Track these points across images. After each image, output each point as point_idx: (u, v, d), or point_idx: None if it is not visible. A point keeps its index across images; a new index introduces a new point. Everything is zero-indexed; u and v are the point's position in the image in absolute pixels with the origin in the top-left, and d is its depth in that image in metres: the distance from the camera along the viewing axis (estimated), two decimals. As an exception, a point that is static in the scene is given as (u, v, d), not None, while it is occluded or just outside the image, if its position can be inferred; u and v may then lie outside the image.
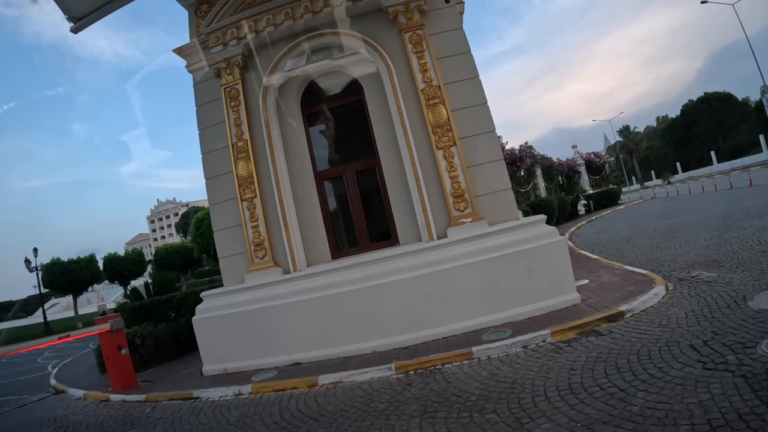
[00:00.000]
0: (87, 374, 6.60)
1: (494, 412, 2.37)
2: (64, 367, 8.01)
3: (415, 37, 4.40)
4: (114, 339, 4.82)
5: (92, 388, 5.23)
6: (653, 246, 6.86)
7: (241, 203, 4.60)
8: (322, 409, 3.01)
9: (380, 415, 2.66)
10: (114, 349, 4.80)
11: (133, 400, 4.39)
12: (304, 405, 3.19)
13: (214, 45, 4.84)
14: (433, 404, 2.66)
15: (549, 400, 2.40)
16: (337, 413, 2.87)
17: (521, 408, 2.36)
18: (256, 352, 4.28)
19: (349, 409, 2.89)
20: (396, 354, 3.75)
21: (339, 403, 3.05)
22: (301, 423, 2.85)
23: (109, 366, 4.84)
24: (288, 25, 4.61)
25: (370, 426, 2.53)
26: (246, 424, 3.04)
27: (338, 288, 4.13)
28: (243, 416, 3.22)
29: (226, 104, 4.82)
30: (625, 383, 2.39)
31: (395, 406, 2.77)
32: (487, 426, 2.24)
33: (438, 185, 4.25)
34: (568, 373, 2.70)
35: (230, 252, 4.74)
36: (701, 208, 11.12)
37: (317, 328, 4.12)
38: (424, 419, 2.47)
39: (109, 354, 4.80)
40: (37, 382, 7.13)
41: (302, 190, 4.67)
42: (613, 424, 2.00)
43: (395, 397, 2.93)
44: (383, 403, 2.87)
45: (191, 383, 4.40)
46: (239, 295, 4.49)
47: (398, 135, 4.44)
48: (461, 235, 4.08)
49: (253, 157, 4.60)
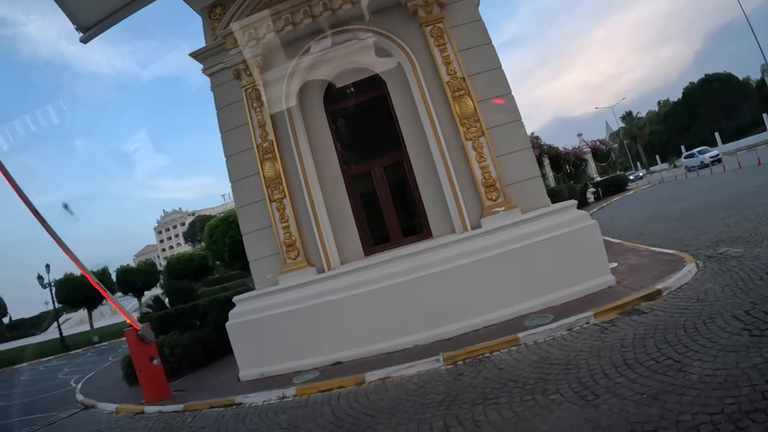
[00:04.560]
0: (114, 387, 6.70)
1: (556, 393, 2.51)
2: (88, 382, 8.11)
3: (436, 31, 4.56)
4: (145, 350, 4.91)
5: (124, 401, 5.33)
6: (671, 228, 7.11)
7: (270, 204, 4.72)
8: (376, 405, 3.10)
9: (440, 406, 2.77)
10: (146, 360, 4.88)
11: (170, 410, 4.48)
12: (355, 402, 3.28)
13: (232, 47, 4.95)
14: (492, 391, 2.79)
15: (608, 376, 2.56)
16: (394, 408, 2.96)
17: (582, 386, 2.51)
18: (294, 354, 4.40)
19: (405, 403, 2.98)
20: (438, 346, 3.90)
21: (393, 398, 3.14)
22: (358, 420, 2.93)
23: (141, 377, 4.93)
24: (307, 23, 4.74)
25: (431, 417, 2.63)
26: (299, 426, 3.11)
27: (375, 284, 4.28)
28: (293, 419, 3.29)
29: (248, 106, 4.94)
30: (678, 355, 2.57)
31: (453, 395, 2.89)
32: (553, 406, 2.37)
33: (469, 176, 4.41)
34: (620, 351, 2.87)
35: (261, 254, 4.86)
36: (712, 189, 11.46)
37: (356, 325, 4.26)
38: (487, 405, 2.59)
39: (141, 365, 4.88)
40: (62, 397, 7.21)
41: (331, 188, 4.80)
42: (677, 392, 2.17)
43: (450, 387, 3.06)
44: (439, 394, 2.98)
45: (229, 390, 4.51)
46: (273, 297, 4.61)
47: (425, 128, 4.60)
48: (495, 224, 4.25)
49: (279, 158, 4.72)
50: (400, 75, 4.80)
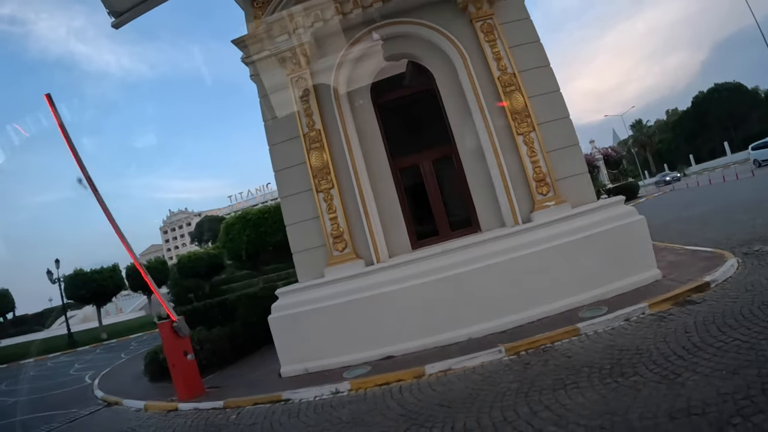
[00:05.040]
0: (135, 384, 6.77)
1: (636, 375, 2.79)
2: (105, 378, 8.19)
3: (486, 27, 4.96)
4: (180, 344, 4.98)
5: (150, 398, 5.40)
6: (696, 229, 7.68)
7: (317, 194, 4.95)
8: (446, 396, 3.25)
9: (517, 393, 2.97)
10: (180, 355, 4.95)
11: (208, 407, 4.55)
12: (422, 394, 3.43)
13: (279, 34, 5.21)
14: (568, 376, 3.03)
15: (682, 357, 2.89)
16: (468, 397, 3.12)
17: (660, 368, 2.82)
18: (342, 348, 4.59)
19: (479, 393, 3.16)
20: (494, 339, 4.17)
21: (462, 389, 3.32)
22: (432, 411, 3.04)
23: (174, 373, 4.98)
24: (357, 13, 5.06)
25: (513, 404, 2.82)
26: (366, 421, 3.17)
27: (425, 277, 4.53)
28: (356, 413, 3.39)
29: (294, 94, 5.19)
30: (744, 336, 2.93)
31: (528, 383, 3.11)
32: (639, 385, 2.64)
33: (520, 170, 4.77)
34: (685, 335, 3.22)
35: (305, 246, 5.06)
36: (727, 195, 12.33)
37: (407, 319, 4.49)
38: (569, 390, 2.82)
39: (174, 360, 4.94)
40: (78, 394, 7.28)
41: (378, 180, 5.07)
42: (755, 366, 2.51)
43: (521, 375, 3.29)
44: (512, 382, 3.19)
45: (271, 386, 4.63)
46: (319, 290, 4.80)
47: (476, 122, 4.96)
48: (546, 219, 4.61)
49: (327, 147, 4.96)
50: (449, 69, 5.17)
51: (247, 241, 11.51)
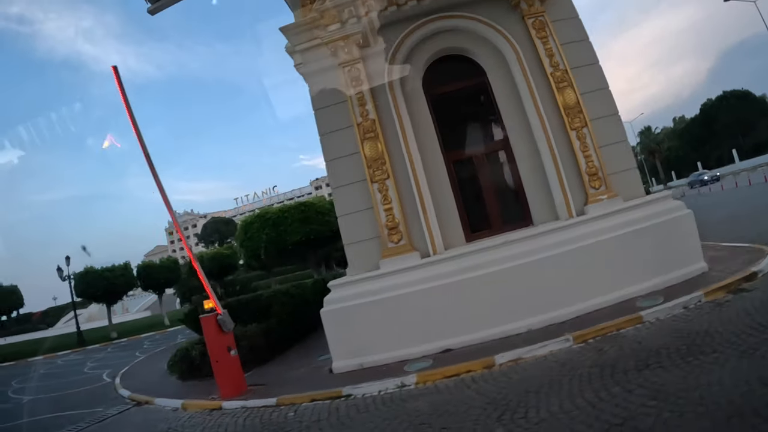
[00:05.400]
0: (162, 382, 6.77)
1: (715, 353, 3.10)
2: (126, 377, 8.19)
3: (538, 23, 5.36)
4: (224, 340, 5.03)
5: (186, 397, 5.41)
6: (724, 230, 8.29)
7: (372, 185, 5.15)
8: (530, 382, 3.41)
9: (602, 375, 3.21)
10: (224, 351, 5.00)
11: (258, 405, 4.59)
12: (500, 383, 3.60)
13: (331, 23, 5.44)
14: (648, 357, 3.31)
15: (753, 335, 3.26)
16: (553, 382, 3.31)
17: (735, 345, 3.16)
18: (398, 342, 4.77)
19: (562, 378, 3.36)
20: (554, 329, 4.47)
21: (542, 375, 3.53)
22: (518, 397, 3.19)
23: (217, 369, 5.02)
24: (411, 5, 5.37)
25: (603, 385, 3.03)
26: (450, 411, 3.27)
27: (482, 270, 4.80)
28: (435, 403, 3.49)
29: (346, 83, 5.41)
30: (807, 315, 3.34)
31: (609, 366, 3.35)
32: (722, 361, 2.94)
33: (573, 165, 5.15)
34: (748, 317, 3.60)
35: (358, 237, 5.24)
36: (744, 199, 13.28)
37: (464, 312, 4.73)
38: (653, 369, 3.09)
39: (218, 356, 4.98)
40: (100, 392, 7.30)
41: (432, 172, 5.33)
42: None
43: (598, 360, 3.55)
44: (593, 366, 3.42)
45: (326, 382, 4.74)
46: (373, 283, 4.98)
47: (530, 117, 5.31)
48: (600, 212, 4.98)
49: (382, 137, 5.20)
50: (501, 64, 5.53)
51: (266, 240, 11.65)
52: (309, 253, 13.24)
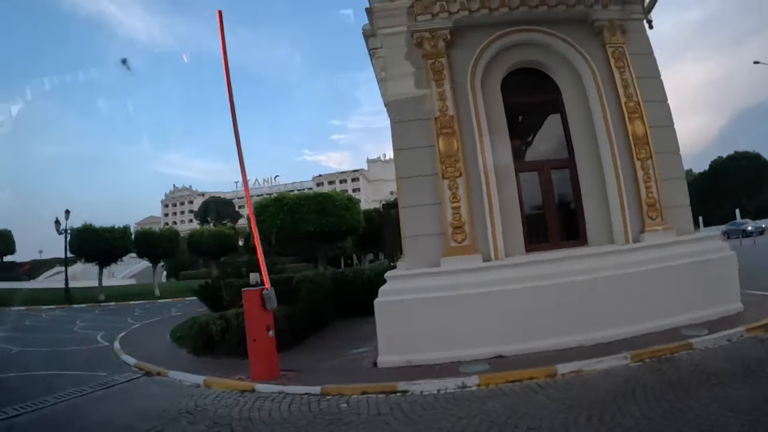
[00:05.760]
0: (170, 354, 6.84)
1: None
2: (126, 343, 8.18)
3: (617, 53, 5.91)
4: (265, 318, 5.00)
5: (200, 372, 5.37)
6: (744, 279, 9.11)
7: (443, 181, 5.38)
8: (598, 392, 3.68)
9: (671, 390, 3.58)
10: (263, 330, 4.97)
11: (299, 392, 4.53)
12: (569, 391, 3.85)
13: (421, 13, 5.71)
14: (710, 377, 3.76)
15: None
16: (625, 393, 3.60)
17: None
18: (451, 343, 4.97)
19: (634, 389, 3.67)
20: (605, 348, 4.83)
21: (607, 387, 3.83)
22: (597, 405, 3.41)
23: (254, 349, 4.97)
24: (503, 12, 5.75)
25: (676, 398, 3.39)
26: (529, 413, 3.43)
27: (540, 281, 5.13)
28: (510, 406, 3.65)
29: (428, 76, 5.67)
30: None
31: (675, 382, 3.75)
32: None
33: (635, 193, 5.65)
34: (794, 350, 4.15)
35: (421, 231, 5.42)
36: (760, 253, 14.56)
37: (518, 320, 5.02)
38: (721, 387, 3.50)
39: (256, 334, 4.94)
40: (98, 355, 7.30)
41: (501, 178, 5.64)
42: None
43: (661, 378, 3.92)
44: (658, 382, 3.80)
45: (373, 375, 4.84)
46: (432, 279, 5.17)
47: (600, 141, 5.79)
48: (654, 241, 5.49)
49: (459, 135, 5.47)
50: (577, 85, 6.00)
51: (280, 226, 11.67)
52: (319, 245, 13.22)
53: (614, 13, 5.92)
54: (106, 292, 21.57)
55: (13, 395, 4.91)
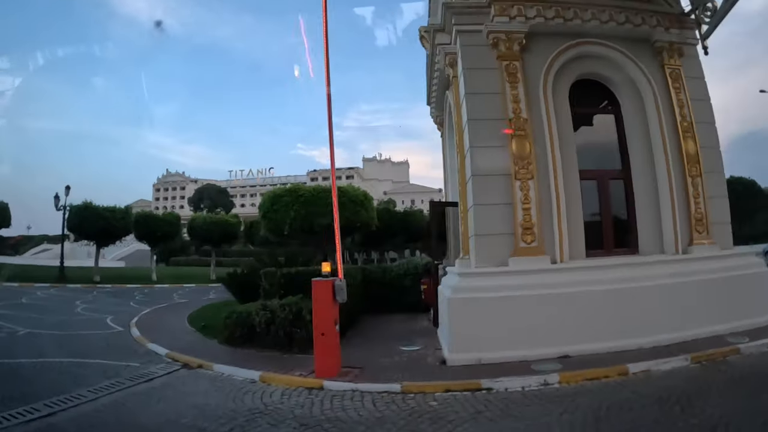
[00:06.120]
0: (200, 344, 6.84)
1: None
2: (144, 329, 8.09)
3: (675, 74, 6.61)
4: (334, 311, 5.09)
5: (251, 366, 5.34)
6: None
7: (515, 182, 5.77)
8: (676, 389, 4.08)
9: (746, 386, 4.17)
10: (331, 324, 5.05)
11: (377, 390, 4.56)
12: (650, 387, 4.26)
13: (499, 15, 6.12)
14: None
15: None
16: (701, 390, 4.12)
17: None
18: (519, 342, 5.33)
19: (711, 385, 4.25)
20: (663, 350, 5.38)
21: (682, 385, 4.29)
22: (688, 398, 3.86)
23: (321, 344, 5.03)
24: (575, 23, 6.28)
25: (754, 393, 3.94)
26: (623, 407, 3.82)
27: (600, 285, 5.63)
28: (602, 401, 3.95)
29: (502, 77, 6.07)
30: None
31: (743, 380, 4.32)
32: None
33: (685, 208, 6.32)
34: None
35: (491, 230, 5.76)
36: None
37: (583, 322, 5.48)
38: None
39: (324, 328, 5.02)
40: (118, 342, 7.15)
41: (567, 183, 6.12)
42: None
43: (726, 376, 4.50)
44: (728, 381, 4.39)
45: (445, 373, 5.04)
46: (502, 279, 5.53)
47: (656, 156, 6.43)
48: (702, 254, 6.17)
49: (531, 138, 5.90)
50: (636, 100, 6.64)
51: (294, 217, 11.68)
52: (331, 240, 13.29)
53: (674, 36, 6.63)
54: (101, 274, 21.62)
55: (36, 387, 4.64)
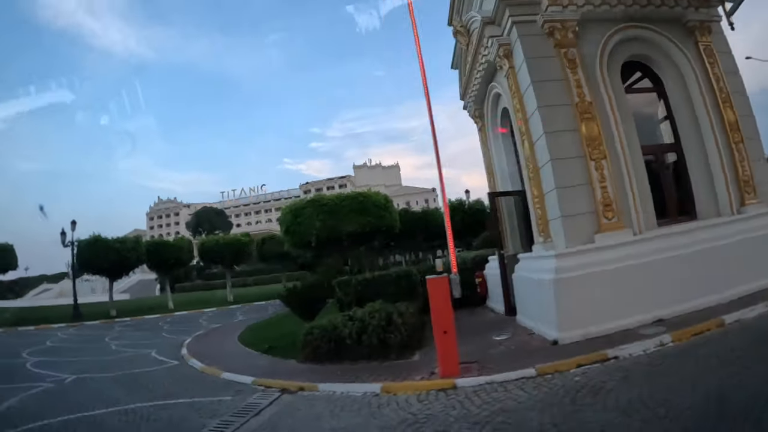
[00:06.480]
0: (280, 365, 7.00)
1: None
2: (203, 357, 8.15)
3: (708, 50, 7.53)
4: (451, 307, 5.41)
5: (375, 380, 5.38)
6: None
7: (590, 162, 6.40)
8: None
9: None
10: (451, 320, 5.38)
11: (513, 378, 4.87)
12: (750, 333, 5.06)
13: (552, 4, 6.75)
14: None
15: None
16: None
17: None
18: (616, 312, 5.94)
19: None
20: (739, 302, 6.17)
21: None
22: None
23: (444, 343, 5.29)
24: (619, 9, 7.04)
25: None
26: (751, 350, 4.44)
27: (677, 251, 6.37)
28: (726, 350, 4.56)
29: (562, 64, 6.70)
30: None
31: None
32: None
33: (733, 172, 7.23)
34: None
35: (575, 211, 6.36)
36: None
37: (667, 286, 6.18)
38: None
39: (446, 325, 5.30)
40: (180, 376, 7.12)
41: (633, 159, 6.84)
42: None
43: None
44: None
45: (560, 351, 5.48)
46: (592, 255, 6.14)
47: (702, 127, 7.30)
48: (754, 212, 7.09)
49: (598, 119, 6.56)
50: (677, 77, 7.50)
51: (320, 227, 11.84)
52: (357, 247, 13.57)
53: (702, 15, 7.56)
54: (116, 308, 21.79)
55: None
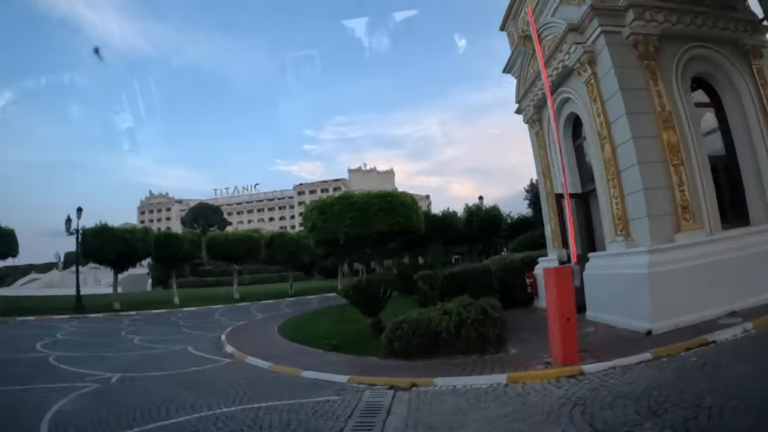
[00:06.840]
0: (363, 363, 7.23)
1: None
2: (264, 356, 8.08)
3: (760, 72, 8.78)
4: (572, 295, 5.96)
5: (488, 372, 5.83)
6: None
7: (671, 167, 7.33)
8: None
9: None
10: (574, 308, 5.89)
11: (634, 362, 5.50)
12: None
13: (636, 18, 7.69)
14: None
15: None
16: None
17: None
18: (697, 305, 6.83)
19: None
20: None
21: None
22: None
23: (567, 330, 5.77)
24: (691, 28, 8.12)
25: None
26: None
27: (741, 251, 7.42)
28: None
29: (645, 75, 7.64)
30: None
31: None
32: None
33: (780, 180, 8.47)
34: None
35: (658, 212, 7.24)
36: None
37: (739, 282, 7.15)
38: None
39: (570, 313, 5.79)
40: (251, 375, 7.02)
41: (703, 166, 7.87)
42: None
43: None
44: None
45: (658, 340, 6.24)
46: (676, 253, 7.04)
47: (754, 140, 8.49)
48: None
49: (677, 128, 7.53)
50: (733, 93, 8.69)
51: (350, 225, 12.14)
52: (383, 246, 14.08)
53: (755, 40, 8.80)
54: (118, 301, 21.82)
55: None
